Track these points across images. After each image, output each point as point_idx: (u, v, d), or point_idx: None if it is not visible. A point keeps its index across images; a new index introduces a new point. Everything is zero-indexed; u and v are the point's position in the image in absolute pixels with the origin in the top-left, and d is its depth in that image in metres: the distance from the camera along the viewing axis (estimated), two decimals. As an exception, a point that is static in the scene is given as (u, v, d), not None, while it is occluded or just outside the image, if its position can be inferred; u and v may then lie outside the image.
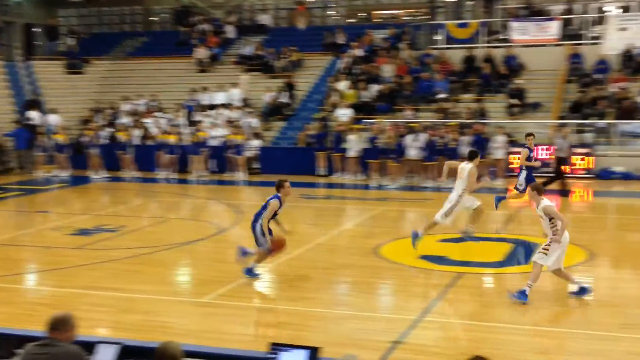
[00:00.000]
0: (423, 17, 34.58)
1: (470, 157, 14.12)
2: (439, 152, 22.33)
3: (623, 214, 18.64)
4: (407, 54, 29.77)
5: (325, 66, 30.95)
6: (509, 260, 13.18)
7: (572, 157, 23.04)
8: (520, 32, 28.73)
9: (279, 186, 11.64)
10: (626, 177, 22.74)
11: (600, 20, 29.46)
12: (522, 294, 10.25)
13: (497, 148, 22.38)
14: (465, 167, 13.80)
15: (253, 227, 11.63)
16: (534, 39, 28.57)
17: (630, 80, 25.73)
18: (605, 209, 19.57)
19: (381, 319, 10.02)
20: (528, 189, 11.12)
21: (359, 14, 40.75)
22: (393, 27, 32.41)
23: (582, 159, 23.17)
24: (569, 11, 30.40)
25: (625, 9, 32.02)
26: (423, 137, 22.62)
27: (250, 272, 11.63)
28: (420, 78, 27.92)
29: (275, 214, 11.55)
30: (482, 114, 25.29)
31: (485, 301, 10.91)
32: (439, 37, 30.77)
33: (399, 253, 13.61)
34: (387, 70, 28.79)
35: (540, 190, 10.63)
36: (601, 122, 24.20)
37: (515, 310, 10.18)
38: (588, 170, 23.03)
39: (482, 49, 28.94)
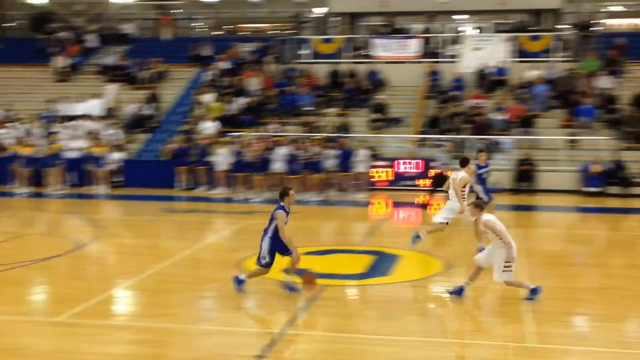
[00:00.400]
0: (289, 32, 34.90)
1: (462, 164, 14.65)
2: (303, 166, 22.53)
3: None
4: (273, 68, 29.95)
5: (191, 78, 30.62)
6: (372, 271, 13.42)
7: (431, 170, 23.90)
8: (383, 49, 29.55)
9: (283, 194, 11.24)
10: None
11: (456, 40, 30.77)
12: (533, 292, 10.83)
13: (360, 162, 22.83)
14: (458, 175, 14.32)
15: (262, 240, 11.31)
16: (396, 56, 29.46)
17: (484, 97, 26.98)
18: (462, 220, 20.30)
19: (244, 333, 9.94)
20: (470, 206, 11.44)
21: (225, 27, 40.65)
22: (259, 40, 32.54)
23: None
24: (428, 30, 31.59)
25: (480, 30, 33.67)
26: (286, 150, 22.73)
27: (237, 282, 11.36)
28: (286, 92, 28.14)
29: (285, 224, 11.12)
30: (345, 128, 25.75)
31: (349, 312, 11.04)
32: (304, 51, 31.15)
33: (261, 267, 13.55)
34: (253, 83, 28.82)
35: (480, 206, 11.07)
36: (458, 137, 25.19)
37: (378, 321, 10.37)
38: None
39: (346, 65, 29.52)
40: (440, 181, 20.67)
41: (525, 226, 18.73)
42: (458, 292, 11.22)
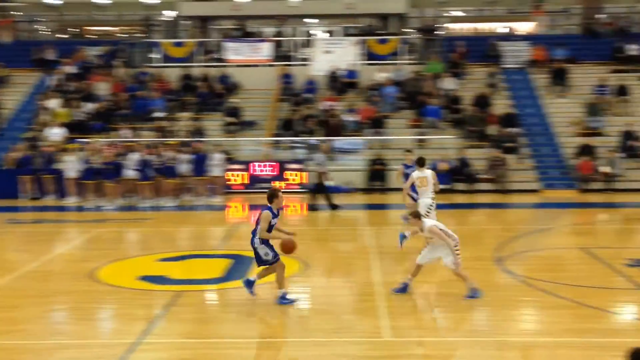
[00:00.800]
0: (138, 35, 34.12)
1: (422, 163, 15.29)
2: (156, 171, 22.04)
3: (334, 225, 19.75)
4: (123, 72, 29.18)
5: (34, 83, 29.31)
6: (230, 275, 13.32)
7: (287, 172, 24.11)
8: (235, 52, 29.48)
9: (273, 196, 10.88)
10: (336, 190, 24.14)
11: (308, 43, 31.19)
12: (474, 292, 11.02)
13: (215, 166, 22.64)
14: (427, 173, 14.97)
15: (252, 244, 10.91)
16: (248, 59, 29.47)
17: (336, 99, 27.50)
18: (317, 221, 20.60)
19: (99, 345, 9.58)
20: (410, 217, 11.55)
21: (70, 30, 39.18)
22: (107, 44, 31.61)
23: (296, 175, 24.21)
24: (279, 34, 31.82)
25: (330, 33, 34.30)
26: (139, 156, 22.17)
27: (283, 300, 10.96)
28: (137, 96, 27.48)
29: (271, 226, 10.72)
30: (199, 132, 25.48)
31: (207, 317, 10.90)
32: (155, 55, 30.54)
33: (117, 275, 13.16)
34: (102, 88, 27.96)
35: (418, 215, 11.29)
36: (312, 139, 25.52)
37: (237, 324, 10.30)
38: (302, 185, 24.12)
39: (198, 68, 29.22)
40: (320, 183, 20.70)
41: (378, 224, 19.22)
42: (402, 289, 11.44)
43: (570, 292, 11.51)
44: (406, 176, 17.06)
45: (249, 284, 11.24)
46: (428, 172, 15.05)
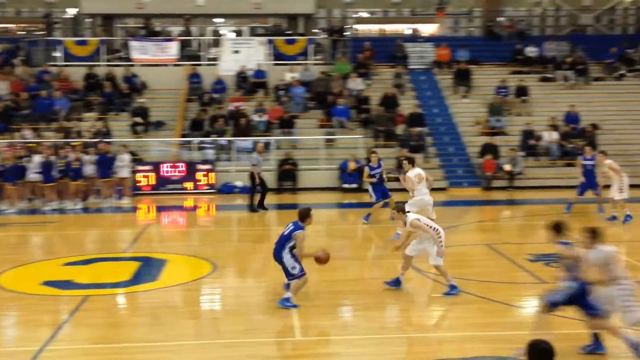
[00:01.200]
0: (39, 33, 33.06)
1: (413, 163, 16.11)
2: (61, 173, 21.40)
3: (245, 226, 19.68)
4: (23, 71, 28.23)
5: None
6: (139, 278, 13.10)
7: (197, 173, 23.89)
8: (141, 51, 28.95)
9: (306, 216, 10.92)
10: (245, 190, 24.02)
11: (216, 43, 30.95)
12: (453, 288, 11.25)
13: (123, 167, 22.18)
14: (421, 172, 15.68)
15: (280, 258, 10.81)
16: (154, 59, 29.00)
17: (246, 99, 27.41)
18: (228, 222, 20.49)
19: (2, 354, 9.23)
20: (393, 211, 11.84)
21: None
22: (6, 41, 30.51)
23: (205, 175, 23.99)
24: (187, 33, 31.44)
25: (238, 33, 34.14)
26: (41, 158, 21.47)
27: (286, 302, 10.75)
28: (39, 96, 26.63)
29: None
30: (106, 132, 24.92)
31: (116, 322, 10.68)
32: (57, 53, 29.64)
33: (20, 281, 12.75)
34: (1, 87, 26.95)
35: (403, 209, 11.43)
36: (221, 139, 25.34)
37: (147, 328, 10.16)
38: (211, 186, 23.92)
39: (103, 67, 28.56)
40: (255, 181, 20.43)
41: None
42: (395, 283, 11.60)
43: (476, 288, 11.84)
44: (372, 176, 17.62)
45: (287, 301, 10.84)
46: (422, 171, 15.66)
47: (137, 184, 23.52)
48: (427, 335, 9.89)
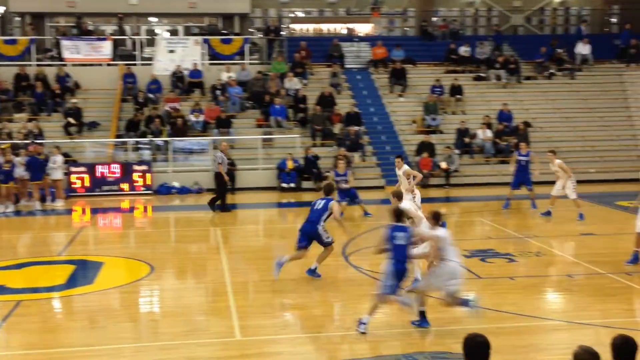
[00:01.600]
0: (-35, 31, 32.09)
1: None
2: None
3: (182, 227, 19.50)
4: (-52, 71, 27.38)
5: None
6: (74, 281, 12.85)
7: (134, 173, 23.56)
8: (73, 51, 28.38)
9: (332, 190, 12.73)
10: (182, 191, 23.88)
11: (150, 42, 30.56)
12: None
13: (55, 169, 21.71)
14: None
15: (315, 231, 12.19)
16: (87, 58, 28.47)
17: (182, 99, 27.13)
18: (165, 223, 20.26)
19: None
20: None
21: None
22: None
23: (142, 176, 23.66)
24: (120, 32, 30.94)
25: (173, 33, 33.77)
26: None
27: (313, 272, 12.30)
28: (-34, 96, 25.86)
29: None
30: (37, 134, 24.35)
31: (51, 327, 10.43)
32: (-15, 53, 28.79)
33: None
34: None
35: (400, 195, 11.89)
36: (158, 140, 25.03)
37: (84, 332, 9.99)
38: (147, 187, 23.61)
39: (34, 67, 27.90)
40: (223, 181, 20.18)
41: (228, 224, 19.17)
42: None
43: (414, 284, 11.97)
44: (336, 184, 17.61)
45: (311, 272, 12.37)
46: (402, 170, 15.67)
47: (72, 186, 23.06)
48: (369, 332, 9.96)
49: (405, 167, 16.79)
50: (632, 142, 27.68)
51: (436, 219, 9.75)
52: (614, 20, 35.85)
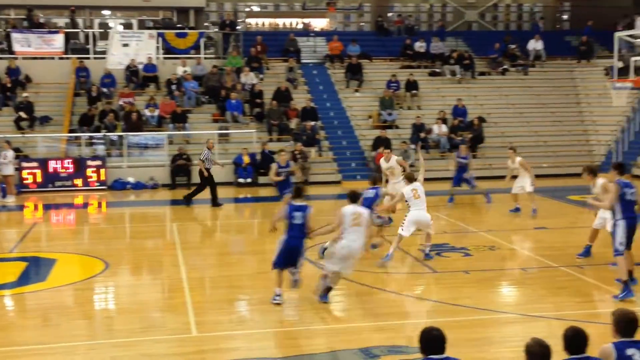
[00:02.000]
0: None
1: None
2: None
3: (137, 222, 19.29)
4: None
5: None
6: (26, 279, 12.64)
7: (85, 169, 23.22)
8: (23, 43, 27.81)
9: (379, 180, 14.08)
10: (138, 186, 23.62)
11: (104, 36, 30.13)
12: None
13: (6, 164, 21.28)
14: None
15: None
16: (38, 52, 27.93)
17: (136, 94, 26.82)
18: (120, 219, 20.02)
19: None
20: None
21: None
22: None
23: (96, 171, 23.35)
24: (73, 25, 30.44)
25: (127, 26, 33.35)
26: None
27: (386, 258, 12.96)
28: None
29: None
30: (-13, 128, 23.86)
31: (2, 325, 10.22)
32: None
33: None
34: None
35: (412, 178, 13.57)
36: (112, 135, 24.72)
37: (37, 330, 9.82)
38: (101, 182, 23.31)
39: (-18, 60, 27.31)
40: (204, 176, 19.92)
41: (184, 219, 19.04)
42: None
43: (370, 279, 12.05)
44: (279, 174, 17.80)
45: (387, 258, 12.96)
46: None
47: (23, 182, 22.65)
48: (324, 327, 9.99)
49: (396, 157, 16.89)
50: (583, 137, 28.19)
51: (352, 198, 10.75)
52: (565, 17, 36.43)
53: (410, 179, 13.57)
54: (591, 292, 11.60)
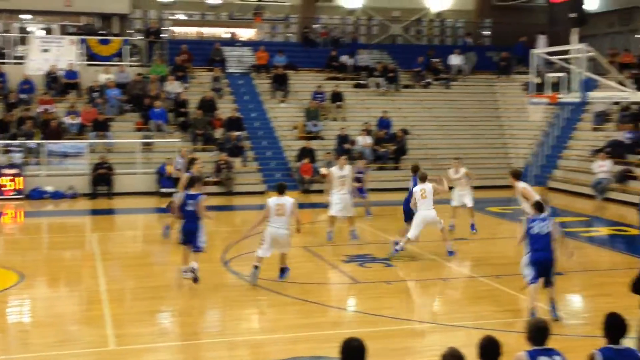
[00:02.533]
0: None
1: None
2: None
3: (55, 233, 18.79)
4: None
5: None
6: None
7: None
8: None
9: (418, 169, 14.83)
10: (56, 196, 23.02)
11: (23, 40, 29.36)
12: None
13: None
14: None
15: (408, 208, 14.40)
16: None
17: (56, 101, 26.17)
18: (37, 229, 19.47)
19: None
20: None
21: None
22: None
23: (12, 180, 22.68)
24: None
25: (48, 31, 32.57)
26: None
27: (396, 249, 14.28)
28: None
29: None
30: None
31: None
32: None
33: None
34: None
35: (425, 178, 14.24)
36: (30, 142, 24.05)
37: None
38: (18, 191, 22.64)
39: None
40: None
41: (105, 229, 18.68)
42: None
43: (294, 290, 12.04)
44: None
45: (396, 244, 14.26)
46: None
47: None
48: (247, 338, 9.93)
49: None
50: (502, 150, 28.92)
51: (280, 191, 12.69)
52: (486, 33, 37.29)
53: (423, 178, 14.32)
54: (508, 302, 11.88)
